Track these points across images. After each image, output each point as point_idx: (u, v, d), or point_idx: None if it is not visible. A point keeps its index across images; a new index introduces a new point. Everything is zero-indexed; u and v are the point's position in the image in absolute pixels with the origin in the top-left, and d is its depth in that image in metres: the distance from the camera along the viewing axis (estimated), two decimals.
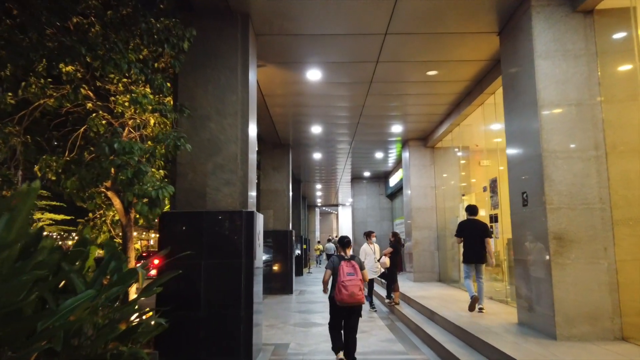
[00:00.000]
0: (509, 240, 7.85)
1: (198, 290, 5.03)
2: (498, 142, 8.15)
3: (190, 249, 5.07)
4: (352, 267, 4.71)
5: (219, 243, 5.12)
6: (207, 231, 5.12)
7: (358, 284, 4.60)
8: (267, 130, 11.52)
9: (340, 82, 8.04)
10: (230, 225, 5.14)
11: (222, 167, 5.33)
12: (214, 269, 5.07)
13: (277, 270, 12.26)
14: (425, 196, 12.28)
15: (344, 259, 4.83)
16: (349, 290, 4.55)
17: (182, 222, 5.17)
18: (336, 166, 16.92)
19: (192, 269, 5.05)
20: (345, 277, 4.62)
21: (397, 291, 8.84)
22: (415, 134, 11.95)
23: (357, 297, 4.57)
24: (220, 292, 5.05)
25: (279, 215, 12.59)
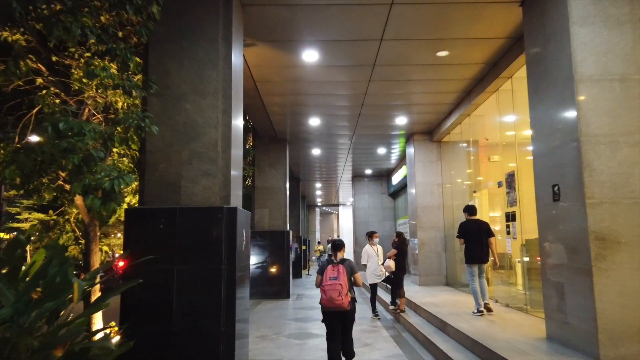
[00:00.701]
0: (528, 241, 7.05)
1: (170, 300, 4.22)
2: (514, 134, 7.34)
3: (161, 252, 4.26)
4: (337, 271, 4.53)
5: (196, 245, 4.31)
6: (181, 231, 4.31)
7: (337, 289, 4.42)
8: (262, 123, 10.72)
9: (340, 66, 7.23)
10: (209, 224, 4.33)
11: (200, 155, 4.52)
12: (189, 275, 4.26)
13: (273, 274, 11.44)
14: (431, 194, 11.46)
15: (332, 262, 4.66)
16: (328, 295, 4.44)
17: (152, 220, 4.36)
18: (336, 163, 16.11)
19: (163, 275, 4.25)
20: (326, 282, 4.49)
21: (403, 297, 8.03)
22: (420, 127, 11.13)
23: (336, 302, 4.40)
24: (197, 303, 4.24)
25: (275, 215, 11.78)
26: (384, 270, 8.33)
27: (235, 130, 4.83)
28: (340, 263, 4.64)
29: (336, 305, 4.42)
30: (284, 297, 11.38)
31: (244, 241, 4.77)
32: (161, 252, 4.27)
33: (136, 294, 4.24)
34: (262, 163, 11.94)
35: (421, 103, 9.26)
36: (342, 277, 4.50)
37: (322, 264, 4.74)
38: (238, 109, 4.99)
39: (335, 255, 4.80)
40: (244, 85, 8.10)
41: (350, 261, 4.76)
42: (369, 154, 14.47)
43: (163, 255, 4.28)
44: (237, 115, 4.94)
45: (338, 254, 4.81)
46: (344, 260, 4.71)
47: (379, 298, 9.70)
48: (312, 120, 10.34)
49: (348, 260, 4.75)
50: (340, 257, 4.79)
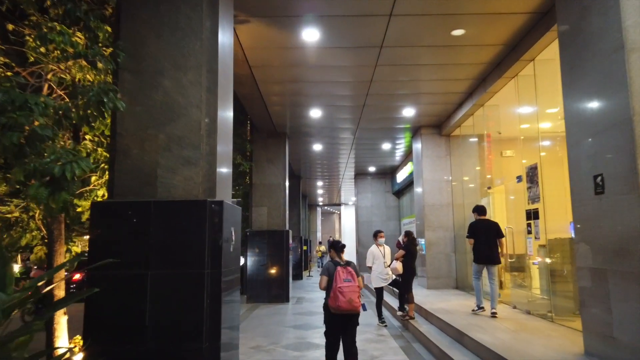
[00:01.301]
0: (553, 241, 6.36)
1: (143, 313, 3.54)
2: (536, 123, 6.65)
3: (132, 254, 3.60)
4: (349, 273, 4.42)
5: (174, 246, 3.63)
6: (156, 229, 3.63)
7: (355, 291, 4.34)
8: (260, 115, 10.04)
9: (344, 47, 6.55)
10: (190, 221, 3.66)
11: (179, 140, 3.84)
12: (165, 282, 3.58)
13: (271, 276, 10.76)
14: (439, 191, 10.76)
15: (340, 264, 4.51)
16: (347, 297, 4.27)
17: (122, 216, 3.67)
18: (338, 160, 15.42)
19: (134, 282, 3.57)
20: (342, 283, 4.33)
21: (412, 303, 7.34)
22: (429, 120, 10.43)
23: (354, 304, 4.29)
24: (175, 316, 3.56)
25: (274, 213, 11.09)
26: (391, 272, 7.65)
27: (223, 111, 4.15)
28: (348, 265, 4.54)
29: (354, 307, 4.30)
30: (283, 301, 10.69)
31: (233, 241, 4.09)
32: (133, 253, 3.61)
33: (101, 305, 3.57)
34: (260, 158, 11.26)
35: (431, 92, 8.56)
36: (355, 279, 4.43)
37: (328, 266, 4.56)
38: (226, 87, 4.31)
39: (339, 256, 4.66)
40: (238, 73, 7.44)
41: (354, 263, 4.69)
42: (373, 149, 13.77)
43: (135, 257, 3.61)
44: (225, 94, 4.26)
45: (342, 255, 4.70)
46: (349, 263, 4.61)
47: (385, 303, 9.01)
48: (313, 112, 9.66)
49: (352, 263, 4.66)
50: (344, 258, 4.69)
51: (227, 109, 4.36)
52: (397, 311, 7.87)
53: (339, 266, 4.46)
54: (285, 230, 11.01)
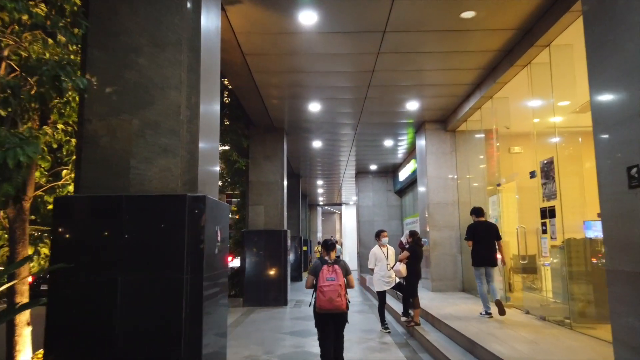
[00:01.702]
0: (569, 241, 5.88)
1: (112, 323, 3.07)
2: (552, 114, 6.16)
3: (101, 256, 3.14)
4: (333, 272, 4.38)
5: (148, 247, 3.17)
6: (129, 228, 3.17)
7: (337, 289, 4.28)
8: (257, 109, 9.56)
9: (344, 32, 6.07)
10: (167, 219, 3.19)
11: (156, 126, 3.37)
12: (138, 288, 3.12)
13: (269, 278, 10.28)
14: (445, 189, 10.28)
15: (327, 262, 4.48)
16: (327, 296, 4.26)
17: (89, 212, 3.21)
18: (339, 158, 14.94)
19: (102, 288, 3.11)
20: (324, 282, 4.31)
21: (418, 308, 6.85)
22: (433, 114, 9.95)
23: (335, 303, 4.25)
24: (149, 327, 3.09)
25: (272, 213, 10.62)
26: (394, 275, 7.16)
27: (207, 94, 3.67)
28: (336, 263, 4.48)
29: (335, 306, 4.26)
30: (281, 304, 10.21)
31: (219, 242, 3.62)
32: (101, 256, 3.15)
33: (65, 315, 3.11)
34: (257, 155, 10.78)
35: (436, 84, 8.08)
36: (340, 277, 4.37)
37: (315, 264, 4.53)
38: (211, 67, 3.83)
39: (328, 255, 4.59)
40: (231, 61, 6.97)
41: (344, 261, 4.64)
42: (375, 146, 13.29)
43: (104, 260, 3.15)
44: (210, 75, 3.79)
45: (331, 254, 4.61)
46: (338, 261, 4.55)
47: (388, 307, 8.53)
48: (312, 106, 9.18)
49: (342, 261, 4.62)
50: (333, 257, 4.60)
51: (213, 91, 3.88)
52: (401, 317, 7.38)
53: (325, 264, 4.43)
54: (284, 230, 10.54)
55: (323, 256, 4.60)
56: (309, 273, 4.56)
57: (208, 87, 3.69)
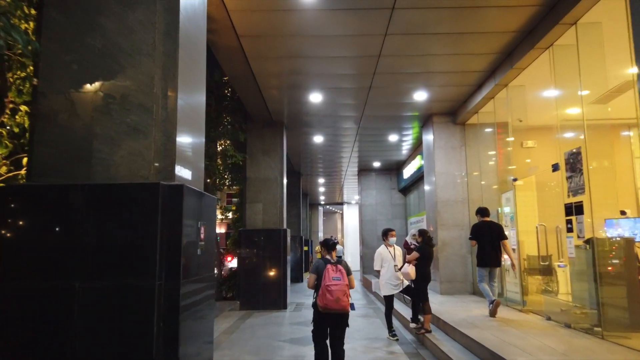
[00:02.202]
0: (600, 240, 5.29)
1: (68, 341, 2.50)
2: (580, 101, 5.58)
3: (54, 258, 2.57)
4: (339, 272, 4.29)
5: (113, 247, 2.60)
6: (89, 223, 2.60)
7: (344, 289, 4.22)
8: (254, 101, 8.99)
9: (348, 9, 5.49)
10: (136, 212, 2.62)
11: (124, 100, 2.80)
12: (100, 298, 2.55)
13: (267, 280, 9.71)
14: (454, 186, 9.69)
15: (330, 262, 4.38)
16: (334, 296, 4.14)
17: (41, 204, 2.64)
18: (341, 154, 14.36)
19: (56, 298, 2.54)
20: (330, 281, 4.20)
21: (429, 314, 6.28)
22: (442, 106, 9.37)
23: (342, 303, 4.16)
24: (113, 345, 2.52)
25: (270, 211, 10.04)
26: (402, 278, 6.59)
27: (188, 63, 3.09)
28: (339, 263, 4.39)
29: (341, 306, 4.17)
30: (280, 308, 9.64)
31: (202, 241, 3.05)
32: (55, 258, 2.59)
33: (10, 330, 2.54)
34: (255, 150, 10.21)
35: (446, 71, 7.49)
36: (345, 277, 4.29)
37: (318, 264, 4.41)
38: (193, 32, 3.25)
39: (329, 254, 4.49)
40: (225, 44, 6.37)
41: (345, 262, 4.53)
42: (378, 142, 12.71)
43: (58, 263, 2.59)
44: (192, 44, 3.21)
45: (332, 254, 4.51)
46: (340, 261, 4.46)
47: (395, 312, 7.94)
48: (313, 97, 8.61)
49: (344, 261, 4.53)
50: (335, 256, 4.50)
51: (196, 63, 3.30)
52: (410, 323, 6.79)
53: (329, 264, 4.33)
54: (283, 229, 9.96)
55: (324, 255, 4.50)
56: (311, 272, 4.43)
57: (189, 56, 3.12)
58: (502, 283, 8.58)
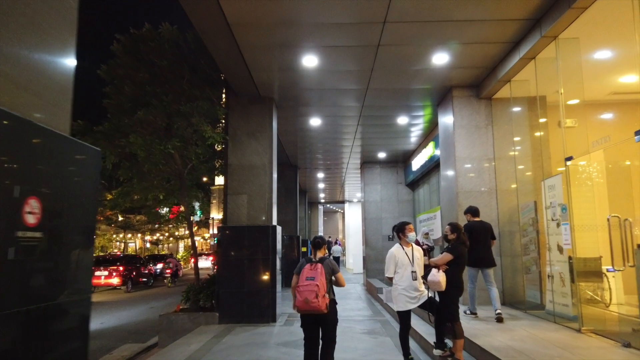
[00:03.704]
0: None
1: None
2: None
3: None
4: (314, 271, 4.11)
5: None
6: None
7: (313, 290, 4.00)
8: (234, 69, 7.33)
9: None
10: None
11: None
12: None
13: (252, 287, 8.03)
14: (478, 173, 8.01)
15: (311, 261, 4.23)
16: (303, 296, 4.03)
17: None
18: (342, 142, 12.68)
19: None
20: (302, 282, 4.09)
21: (461, 338, 4.60)
22: (464, 76, 7.68)
23: (311, 304, 3.98)
24: None
25: (257, 204, 8.37)
26: (423, 288, 4.89)
27: None
28: (319, 262, 4.22)
29: (312, 307, 4.00)
30: (268, 321, 7.95)
31: (33, 228, 1.34)
32: None
33: None
34: (239, 131, 8.53)
35: (477, 19, 5.81)
36: (320, 277, 4.10)
37: (300, 264, 4.29)
38: None
39: (314, 253, 4.35)
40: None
41: (330, 260, 4.34)
42: (384, 126, 11.02)
43: None
44: None
45: (317, 253, 4.35)
46: (323, 259, 4.28)
47: (413, 333, 6.23)
48: (307, 60, 6.94)
49: (328, 259, 4.32)
50: (319, 256, 4.34)
51: None
52: (433, 349, 5.08)
53: (308, 263, 4.22)
54: (271, 225, 8.28)
55: (310, 255, 4.36)
56: (295, 273, 4.28)
57: None
58: (542, 291, 6.93)
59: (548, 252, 6.56)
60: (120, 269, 18.11)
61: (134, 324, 9.89)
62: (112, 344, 8.00)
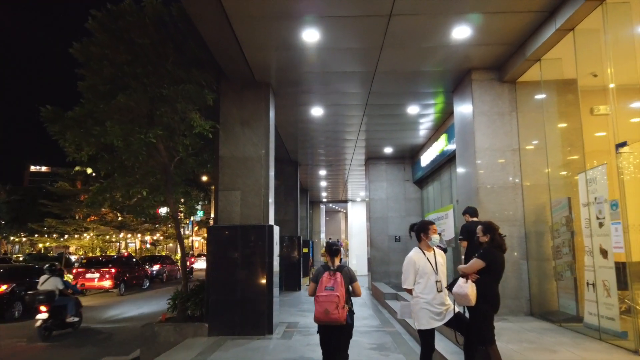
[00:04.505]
0: None
1: None
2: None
3: None
4: (333, 280, 3.93)
5: None
6: None
7: (334, 301, 3.84)
8: (224, 46, 6.45)
9: None
10: None
11: None
12: None
13: (245, 294, 7.12)
14: (502, 166, 7.08)
15: (329, 269, 4.04)
16: (322, 307, 3.86)
17: None
18: (345, 137, 11.77)
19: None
20: (322, 292, 3.92)
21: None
22: (486, 55, 6.77)
23: (331, 316, 3.84)
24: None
25: (251, 201, 7.47)
26: (449, 301, 3.99)
27: None
28: (338, 270, 4.02)
29: (331, 319, 3.85)
30: (264, 333, 7.04)
31: None
32: None
33: None
34: (231, 120, 7.63)
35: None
36: (340, 287, 3.91)
37: (317, 271, 4.14)
38: None
39: (332, 261, 4.12)
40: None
41: (348, 268, 4.15)
42: (392, 117, 10.10)
43: None
44: None
45: (335, 260, 4.12)
46: (341, 268, 4.07)
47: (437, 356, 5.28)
48: (307, 34, 6.04)
49: (346, 267, 4.12)
50: (337, 263, 4.12)
51: None
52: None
53: (326, 272, 4.02)
54: (268, 225, 7.38)
55: (327, 262, 4.13)
56: (311, 280, 4.14)
57: None
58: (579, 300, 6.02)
59: (588, 256, 5.66)
60: (113, 270, 17.22)
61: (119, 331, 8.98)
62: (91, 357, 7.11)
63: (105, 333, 8.68)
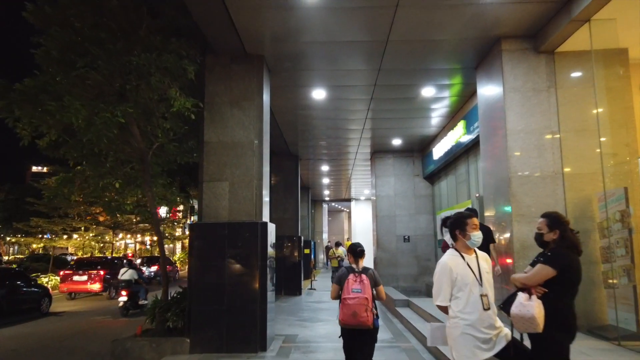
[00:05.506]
0: None
1: None
2: None
3: None
4: (360, 282, 3.81)
5: None
6: None
7: (364, 303, 3.72)
8: (208, 6, 5.33)
9: None
10: None
11: None
12: None
13: (234, 303, 6.02)
14: (539, 152, 5.96)
15: (354, 271, 3.91)
16: (351, 310, 3.71)
17: None
18: (350, 126, 10.66)
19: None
20: (349, 294, 3.79)
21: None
22: (519, 20, 5.65)
23: (360, 319, 3.71)
24: None
25: (241, 194, 6.36)
26: (500, 323, 2.87)
27: None
28: (363, 272, 3.90)
29: (360, 322, 3.72)
30: (254, 349, 5.94)
31: None
32: None
33: None
34: (218, 99, 6.53)
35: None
36: (367, 289, 3.80)
37: (341, 273, 3.99)
38: None
39: (356, 262, 4.00)
40: None
41: (373, 270, 4.00)
42: (402, 101, 8.98)
43: None
44: None
45: (360, 261, 4.00)
46: (366, 270, 3.96)
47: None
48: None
49: (371, 270, 3.98)
50: (361, 265, 4.00)
51: None
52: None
53: (352, 273, 3.88)
54: (261, 222, 6.27)
55: (350, 263, 4.03)
56: (334, 282, 4.01)
57: None
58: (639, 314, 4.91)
59: None
60: (102, 273, 16.15)
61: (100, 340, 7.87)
62: None
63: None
